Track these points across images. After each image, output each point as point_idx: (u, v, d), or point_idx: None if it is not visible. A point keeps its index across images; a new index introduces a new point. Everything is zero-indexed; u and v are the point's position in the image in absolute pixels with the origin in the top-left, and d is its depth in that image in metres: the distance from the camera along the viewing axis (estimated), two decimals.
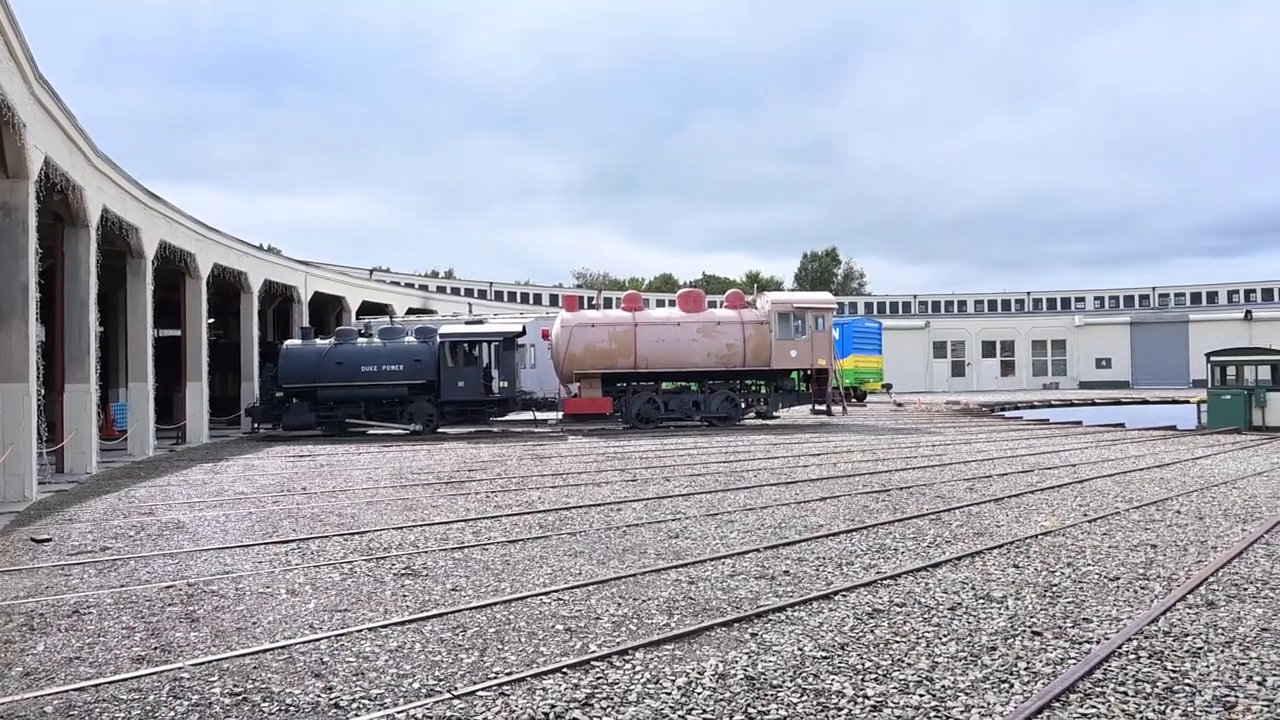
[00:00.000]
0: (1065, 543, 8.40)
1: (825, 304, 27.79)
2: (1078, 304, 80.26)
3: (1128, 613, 5.97)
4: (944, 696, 4.49)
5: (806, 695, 4.54)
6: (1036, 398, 49.87)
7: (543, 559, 7.97)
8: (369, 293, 39.50)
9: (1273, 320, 64.39)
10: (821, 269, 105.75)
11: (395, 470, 15.77)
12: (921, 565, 7.44)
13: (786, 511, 10.46)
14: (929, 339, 70.97)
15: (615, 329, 26.04)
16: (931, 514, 10.13)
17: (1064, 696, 4.45)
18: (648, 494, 12.09)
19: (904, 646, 5.30)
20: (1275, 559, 7.62)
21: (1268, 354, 28.35)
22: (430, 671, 4.98)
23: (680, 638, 5.54)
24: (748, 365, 26.33)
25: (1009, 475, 13.94)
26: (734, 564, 7.64)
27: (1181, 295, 78.56)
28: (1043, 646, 5.28)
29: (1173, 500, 11.14)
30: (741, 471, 14.74)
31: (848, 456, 17.19)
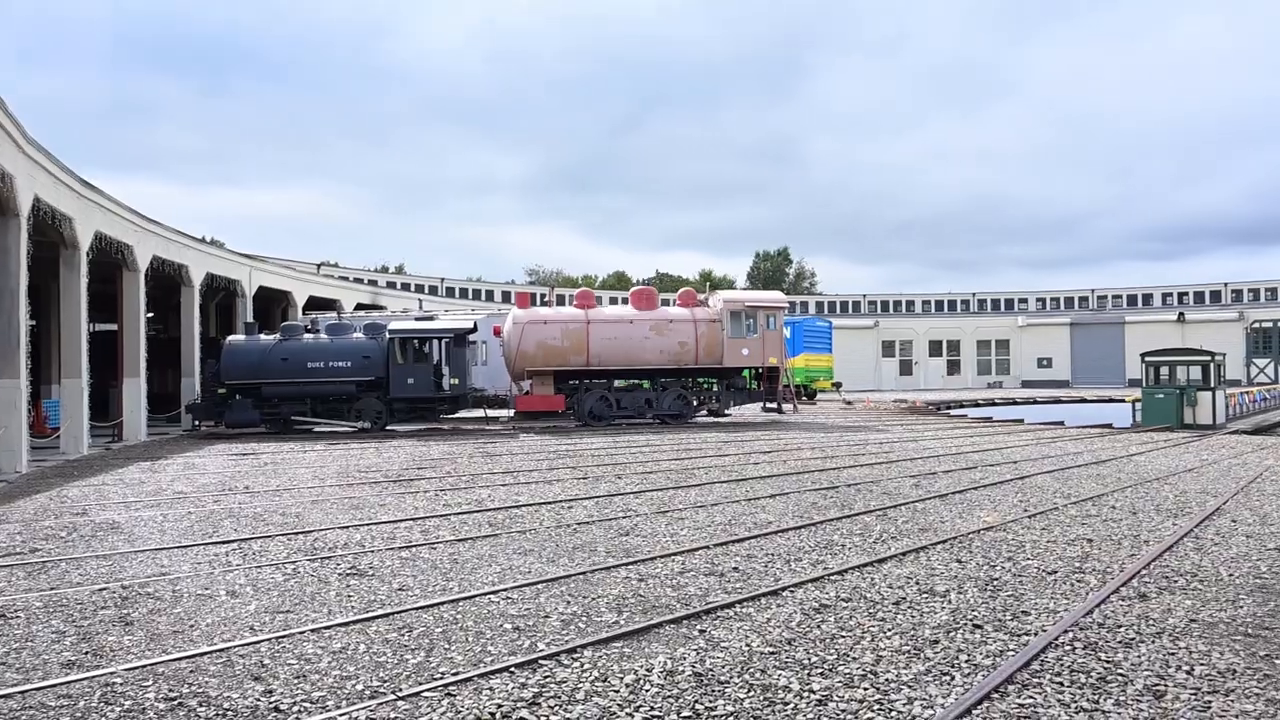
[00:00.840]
0: (1006, 538, 8.61)
1: (777, 303, 28.04)
2: (1021, 305, 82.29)
3: (1064, 605, 6.13)
4: (888, 690, 4.56)
5: (754, 691, 4.57)
6: (981, 396, 51.05)
7: (492, 558, 7.90)
8: (316, 288, 38.72)
9: (1204, 322, 66.86)
10: (774, 268, 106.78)
11: (342, 468, 15.49)
12: (868, 561, 7.55)
13: (737, 508, 10.53)
14: (878, 338, 72.16)
15: (568, 326, 25.95)
16: (878, 510, 10.29)
17: (1003, 688, 4.55)
18: (599, 492, 12.08)
19: (849, 641, 5.38)
20: (1204, 552, 7.91)
21: (1198, 355, 29.42)
22: (375, 673, 4.90)
23: (629, 635, 5.53)
24: (700, 363, 26.46)
25: (953, 472, 14.24)
26: (684, 561, 7.66)
27: (1119, 297, 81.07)
28: (983, 639, 5.40)
29: (1108, 496, 11.49)
30: (693, 469, 14.80)
31: (798, 454, 17.38)
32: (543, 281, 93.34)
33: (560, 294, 39.80)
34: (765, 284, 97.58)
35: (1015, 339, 72.38)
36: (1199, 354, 29.52)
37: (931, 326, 74.33)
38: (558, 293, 31.79)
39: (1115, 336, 68.37)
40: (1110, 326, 70.35)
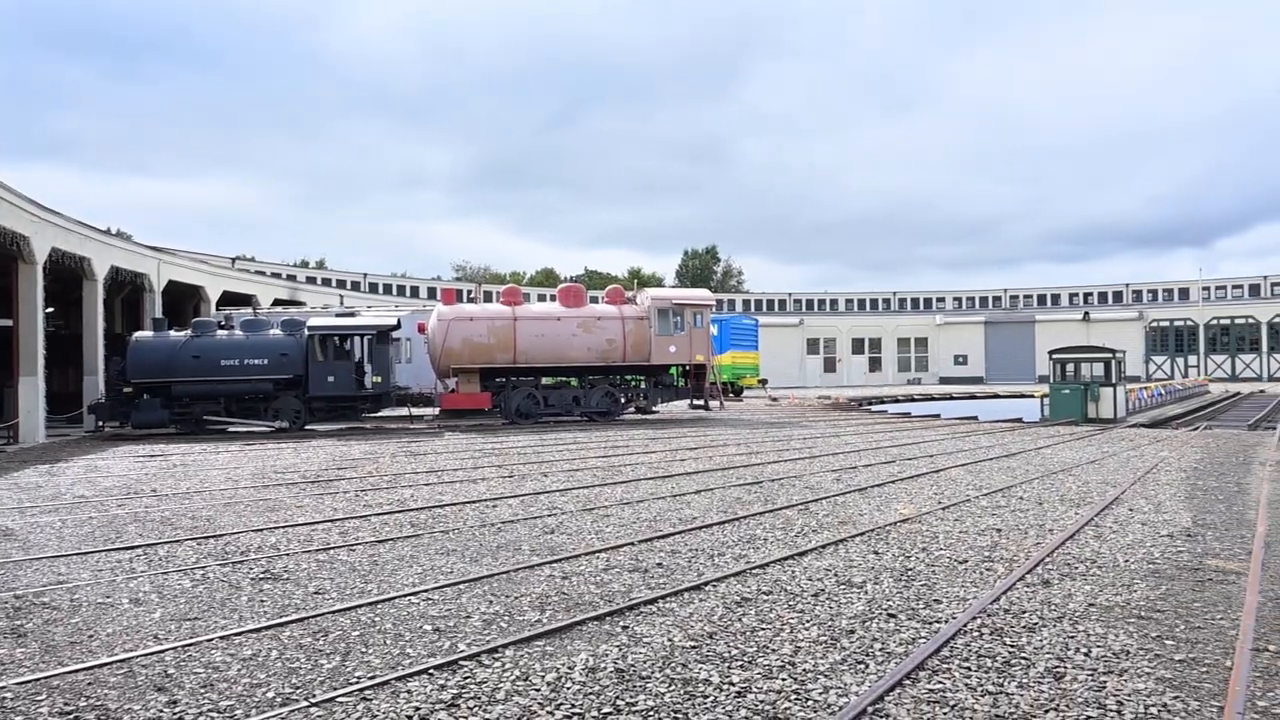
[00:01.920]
0: (921, 529, 8.88)
1: (704, 301, 28.31)
2: (939, 304, 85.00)
3: (974, 593, 6.36)
4: (805, 679, 4.66)
5: (675, 685, 4.60)
6: (901, 392, 52.57)
7: (413, 558, 7.75)
8: (231, 282, 37.36)
9: (1107, 321, 70.24)
10: (702, 266, 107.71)
11: (257, 469, 14.99)
12: (789, 554, 7.68)
13: (662, 505, 10.59)
14: (803, 336, 73.57)
15: (494, 323, 25.67)
16: (800, 504, 10.49)
17: (914, 674, 4.69)
18: (525, 490, 11.99)
19: (770, 633, 5.46)
20: (1103, 540, 8.31)
21: (1101, 352, 30.88)
22: (287, 679, 4.75)
23: (552, 633, 5.50)
24: (628, 360, 26.51)
25: (873, 466, 14.62)
26: (609, 558, 7.67)
27: (1030, 297, 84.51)
28: (897, 628, 5.56)
29: (1017, 487, 11.97)
30: (619, 466, 14.83)
31: (723, 450, 17.58)
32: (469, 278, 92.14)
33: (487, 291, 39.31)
34: (693, 282, 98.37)
35: (933, 337, 74.75)
36: (1101, 352, 30.99)
37: (854, 325, 76.16)
38: (484, 289, 31.40)
39: (1026, 335, 71.29)
40: (1022, 325, 73.29)
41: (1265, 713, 4.16)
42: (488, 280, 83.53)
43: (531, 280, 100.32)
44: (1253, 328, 67.68)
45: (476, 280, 73.64)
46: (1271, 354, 66.50)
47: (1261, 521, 9.16)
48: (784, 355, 68.45)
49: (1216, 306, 71.23)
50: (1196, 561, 7.37)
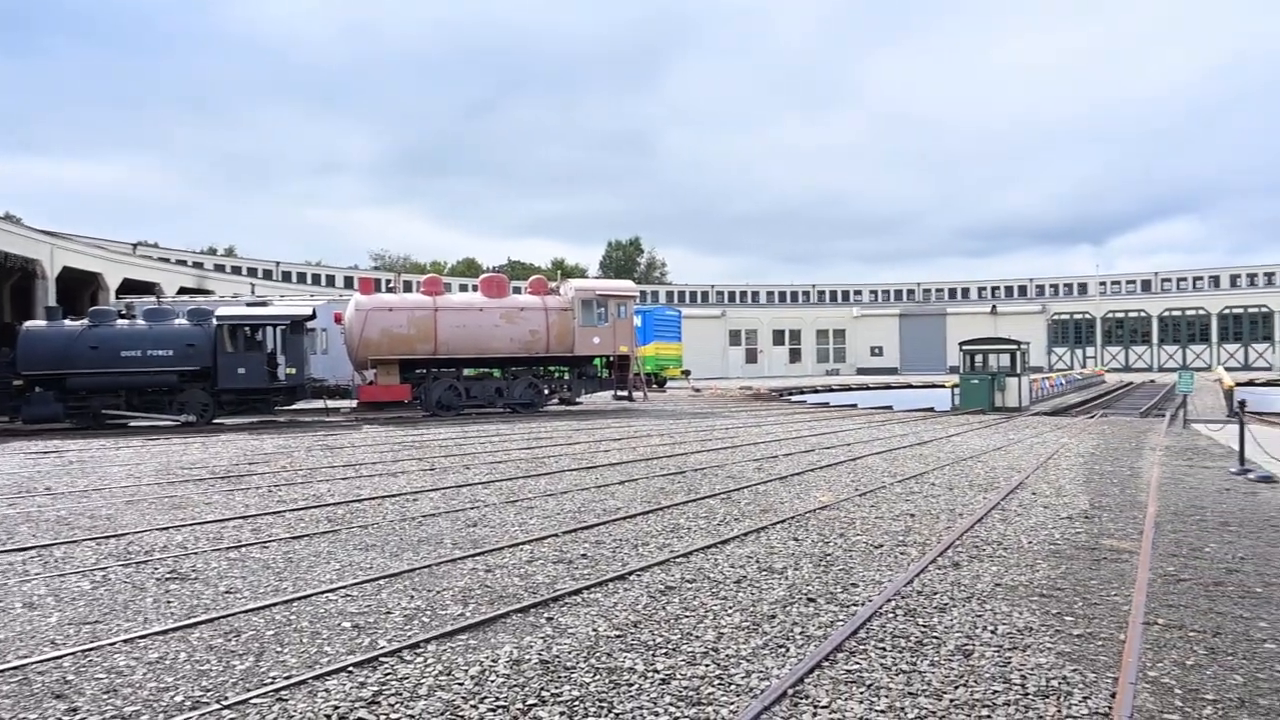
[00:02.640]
0: (839, 515, 9.12)
1: (628, 292, 28.38)
2: (856, 297, 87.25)
3: (889, 576, 6.57)
4: (728, 665, 4.73)
5: (600, 674, 4.62)
6: (820, 383, 53.78)
7: (330, 555, 7.56)
8: (132, 270, 35.63)
9: (1013, 314, 73.34)
10: (625, 258, 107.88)
11: (162, 465, 14.35)
12: (712, 542, 7.79)
13: (586, 496, 10.59)
14: (725, 327, 74.49)
15: (414, 313, 25.18)
16: (723, 494, 10.64)
17: (832, 656, 4.82)
18: (446, 483, 11.81)
19: (693, 620, 5.53)
20: (1008, 522, 8.69)
21: (1007, 343, 32.24)
22: (196, 682, 4.57)
23: (475, 627, 5.45)
24: (551, 351, 26.38)
25: (793, 455, 14.93)
26: (533, 550, 7.63)
27: (941, 291, 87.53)
28: (816, 612, 5.70)
29: (929, 474, 12.41)
30: (543, 458, 14.75)
31: (647, 441, 17.68)
32: (388, 267, 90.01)
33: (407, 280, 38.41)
34: (617, 273, 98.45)
35: (851, 329, 76.71)
36: (1007, 343, 32.36)
37: (775, 316, 77.51)
38: (404, 279, 30.72)
39: (938, 327, 73.84)
40: (934, 318, 75.87)
41: (1155, 681, 4.43)
42: (408, 270, 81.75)
43: (453, 270, 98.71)
44: (1144, 321, 71.69)
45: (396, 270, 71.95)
46: (1161, 346, 70.60)
47: (1152, 503, 9.73)
48: (707, 346, 69.22)
49: (1112, 301, 75.19)
50: (1093, 542, 7.78)
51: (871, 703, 4.20)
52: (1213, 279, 79.64)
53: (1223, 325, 68.90)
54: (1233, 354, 67.67)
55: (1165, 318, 70.95)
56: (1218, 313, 69.29)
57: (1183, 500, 9.98)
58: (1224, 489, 10.85)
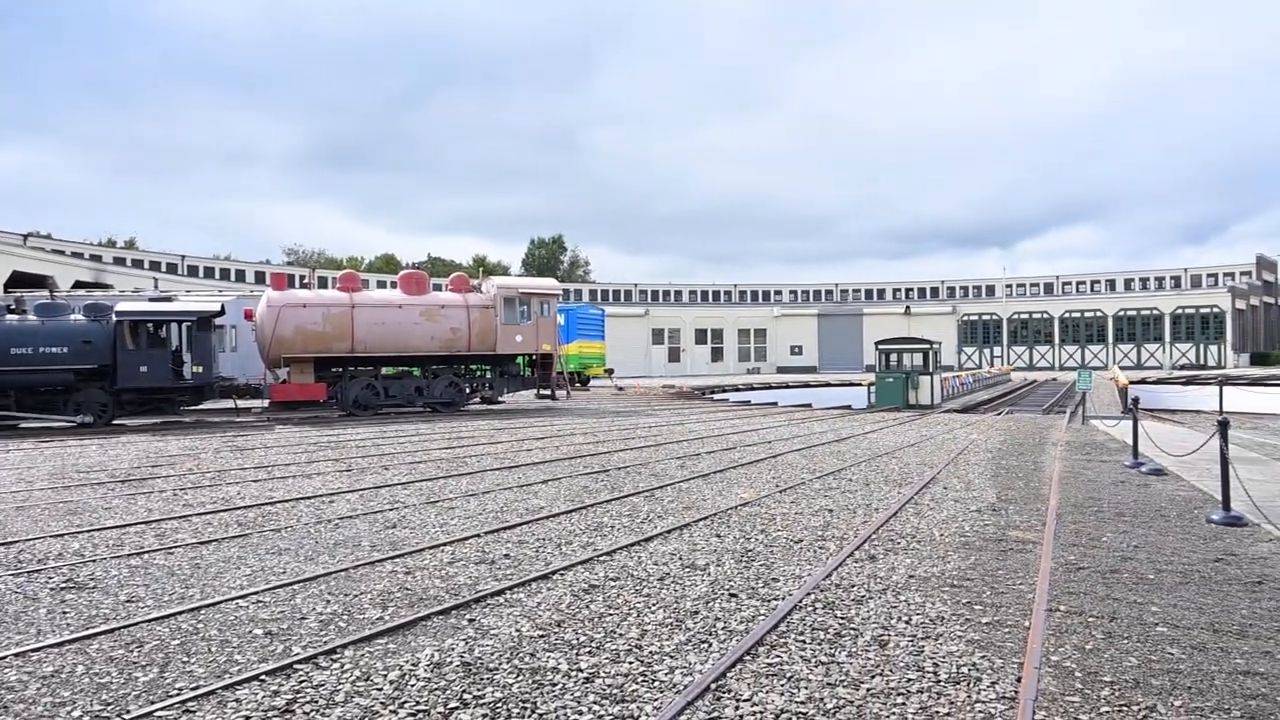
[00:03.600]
0: (761, 512, 9.26)
1: (551, 290, 28.22)
2: (776, 297, 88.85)
3: (808, 570, 6.71)
4: (651, 662, 4.75)
5: (523, 675, 4.57)
6: (741, 381, 54.55)
7: (241, 560, 7.28)
8: (22, 262, 33.62)
9: (926, 315, 75.84)
10: (548, 255, 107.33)
11: (56, 469, 13.58)
12: (635, 540, 7.81)
13: (509, 495, 10.48)
14: (648, 326, 74.83)
15: (330, 310, 24.48)
16: (646, 491, 10.68)
17: (754, 650, 4.89)
18: (364, 484, 11.52)
19: (617, 618, 5.53)
20: (921, 516, 8.98)
21: (920, 343, 33.33)
22: (95, 696, 4.34)
23: (394, 630, 5.33)
24: (473, 349, 26.03)
25: (715, 453, 15.10)
26: (454, 551, 7.51)
27: (859, 291, 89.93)
28: (738, 607, 5.78)
29: (847, 470, 12.72)
30: (465, 458, 14.54)
31: (570, 440, 17.62)
32: (303, 262, 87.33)
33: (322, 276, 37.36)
34: (540, 271, 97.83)
35: (772, 328, 78.05)
36: (920, 343, 33.46)
37: (698, 315, 78.25)
38: (319, 274, 29.84)
39: (855, 326, 75.80)
40: (851, 317, 77.84)
41: (1057, 665, 4.64)
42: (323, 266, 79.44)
43: (371, 267, 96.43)
44: (1047, 322, 75.12)
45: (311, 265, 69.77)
46: (1062, 346, 74.10)
47: (1053, 495, 10.21)
48: (630, 345, 69.42)
49: (1017, 303, 78.52)
50: (1000, 533, 8.11)
51: (792, 694, 4.28)
52: (1109, 283, 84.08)
53: (1118, 326, 72.78)
54: (1127, 354, 71.56)
55: (1066, 319, 74.50)
56: (1113, 314, 73.16)
57: (1082, 493, 10.50)
58: (1119, 481, 11.46)
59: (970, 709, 4.10)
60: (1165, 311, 71.17)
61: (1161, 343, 70.87)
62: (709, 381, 53.91)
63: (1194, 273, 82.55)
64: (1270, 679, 4.45)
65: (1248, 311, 72.93)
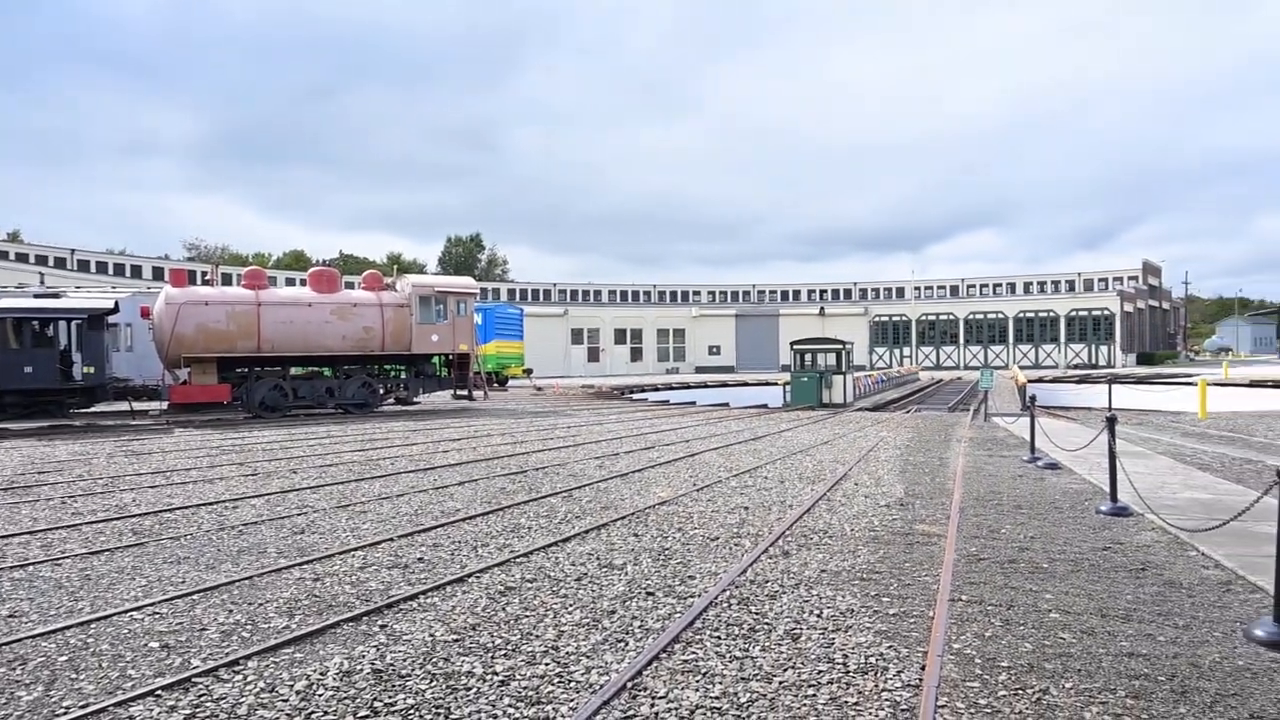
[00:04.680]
0: (678, 510, 9.34)
1: (468, 289, 27.81)
2: (695, 297, 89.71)
3: (724, 567, 6.80)
4: (567, 662, 4.73)
5: (436, 680, 4.49)
6: (660, 381, 54.87)
7: (136, 570, 6.92)
8: None
9: (840, 315, 77.82)
10: (466, 254, 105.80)
11: None
12: (553, 541, 7.77)
13: (424, 498, 10.28)
14: (568, 326, 74.53)
15: (234, 308, 23.53)
16: (564, 492, 10.64)
17: (670, 647, 4.93)
18: (270, 488, 11.12)
19: (533, 620, 5.49)
20: (834, 512, 9.21)
21: (833, 343, 34.19)
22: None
23: (301, 639, 5.16)
24: (387, 349, 25.45)
25: (634, 452, 15.15)
26: (365, 555, 7.32)
27: (775, 293, 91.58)
28: (655, 605, 5.81)
29: (762, 468, 12.95)
30: (378, 460, 14.20)
31: (487, 440, 17.40)
32: (205, 258, 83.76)
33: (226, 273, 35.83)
34: (457, 270, 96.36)
35: (690, 328, 78.77)
36: (834, 343, 34.32)
37: (617, 315, 78.35)
38: (223, 271, 28.63)
39: (772, 327, 77.19)
40: (768, 318, 79.24)
41: (959, 653, 4.83)
42: (226, 262, 76.34)
43: (278, 264, 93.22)
44: (953, 323, 78.10)
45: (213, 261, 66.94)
46: (967, 346, 77.15)
47: (957, 490, 10.62)
48: (549, 345, 69.03)
49: (925, 304, 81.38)
50: (907, 527, 8.39)
51: (707, 690, 4.32)
52: (1009, 286, 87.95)
53: (1018, 327, 76.23)
54: (1026, 353, 75.02)
55: (970, 320, 77.60)
56: (1014, 316, 76.58)
57: (983, 487, 10.95)
58: (1018, 476, 12.00)
59: (877, 698, 4.23)
60: (1060, 313, 74.91)
61: (1057, 343, 74.57)
62: (628, 381, 54.07)
63: (1086, 277, 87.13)
64: (1151, 659, 4.73)
65: (1135, 314, 77.45)
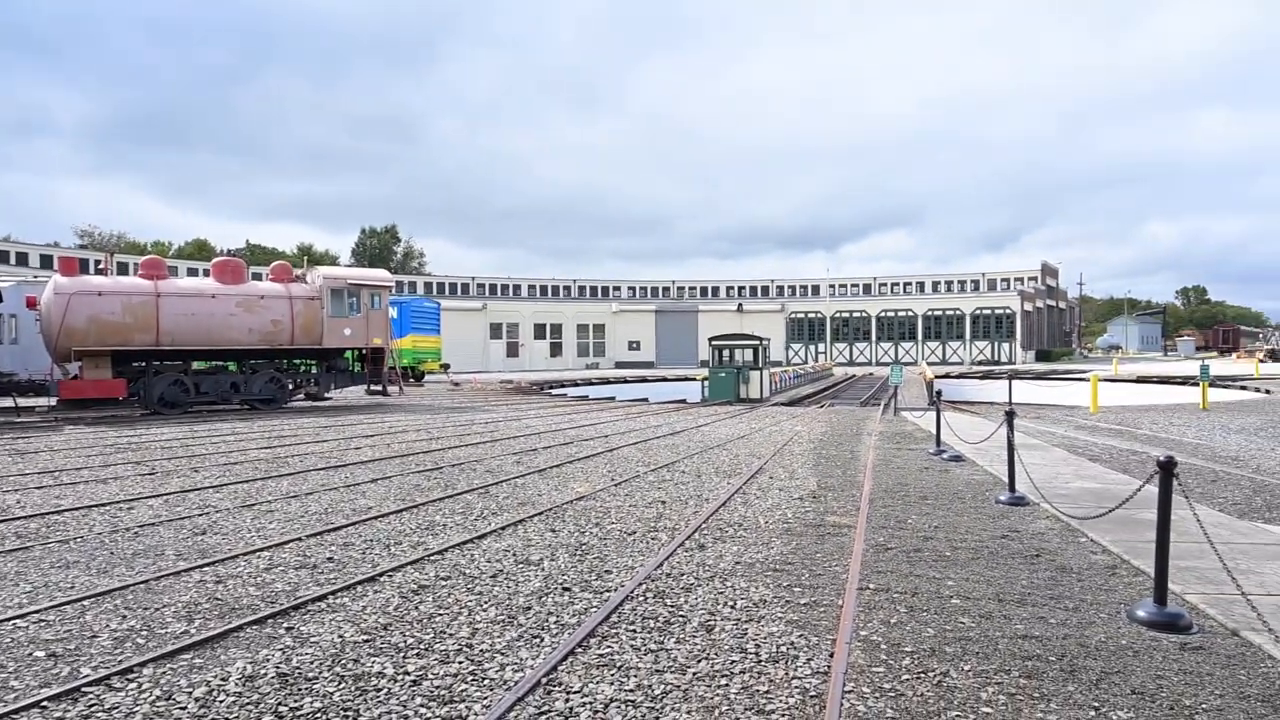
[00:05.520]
0: (596, 505, 9.34)
1: (382, 281, 27.17)
2: (615, 293, 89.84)
3: (641, 561, 6.84)
4: (482, 660, 4.68)
5: (345, 682, 4.38)
6: (580, 376, 54.79)
7: (20, 575, 6.52)
8: None
9: (757, 312, 79.15)
10: (381, 246, 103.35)
11: None
12: (469, 538, 7.67)
13: (334, 496, 10.00)
14: (486, 320, 73.66)
15: (131, 299, 22.40)
16: (481, 488, 10.51)
17: (586, 642, 4.93)
18: (170, 488, 10.64)
19: (447, 618, 5.41)
20: (749, 505, 9.37)
21: (750, 340, 34.74)
22: None
23: (202, 644, 4.95)
24: (296, 343, 24.64)
25: (552, 448, 15.08)
26: (272, 556, 7.08)
27: (694, 289, 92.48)
28: (572, 600, 5.80)
29: (680, 462, 13.07)
30: (286, 457, 13.74)
31: (402, 437, 17.06)
32: (99, 246, 79.37)
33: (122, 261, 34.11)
34: (371, 262, 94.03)
35: (611, 324, 78.86)
36: (751, 339, 34.89)
37: (537, 310, 77.84)
38: (119, 260, 27.23)
39: (691, 323, 77.97)
40: (687, 314, 79.99)
41: (866, 640, 4.98)
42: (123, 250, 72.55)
43: (180, 253, 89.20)
44: (866, 320, 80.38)
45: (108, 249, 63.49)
46: (879, 343, 79.54)
47: (867, 482, 10.94)
48: (467, 339, 68.07)
49: (840, 302, 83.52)
50: (819, 519, 8.60)
51: (621, 683, 4.34)
52: (919, 284, 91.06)
53: (927, 325, 79.00)
54: (934, 350, 77.84)
55: (882, 317, 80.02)
56: (923, 314, 79.32)
57: (892, 479, 11.32)
58: (924, 468, 12.44)
59: (788, 685, 4.32)
60: (966, 312, 77.96)
61: (963, 340, 77.60)
62: (548, 377, 53.78)
63: (990, 277, 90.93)
64: (1044, 640, 4.98)
65: (1034, 313, 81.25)
